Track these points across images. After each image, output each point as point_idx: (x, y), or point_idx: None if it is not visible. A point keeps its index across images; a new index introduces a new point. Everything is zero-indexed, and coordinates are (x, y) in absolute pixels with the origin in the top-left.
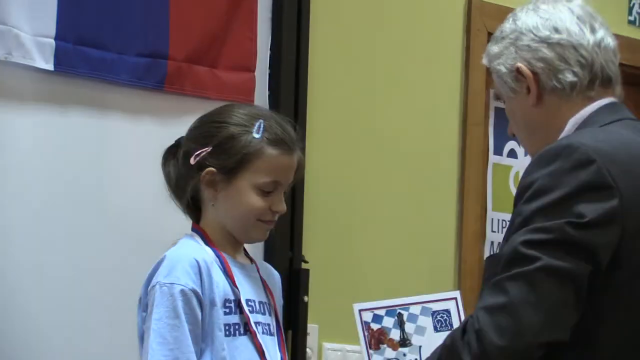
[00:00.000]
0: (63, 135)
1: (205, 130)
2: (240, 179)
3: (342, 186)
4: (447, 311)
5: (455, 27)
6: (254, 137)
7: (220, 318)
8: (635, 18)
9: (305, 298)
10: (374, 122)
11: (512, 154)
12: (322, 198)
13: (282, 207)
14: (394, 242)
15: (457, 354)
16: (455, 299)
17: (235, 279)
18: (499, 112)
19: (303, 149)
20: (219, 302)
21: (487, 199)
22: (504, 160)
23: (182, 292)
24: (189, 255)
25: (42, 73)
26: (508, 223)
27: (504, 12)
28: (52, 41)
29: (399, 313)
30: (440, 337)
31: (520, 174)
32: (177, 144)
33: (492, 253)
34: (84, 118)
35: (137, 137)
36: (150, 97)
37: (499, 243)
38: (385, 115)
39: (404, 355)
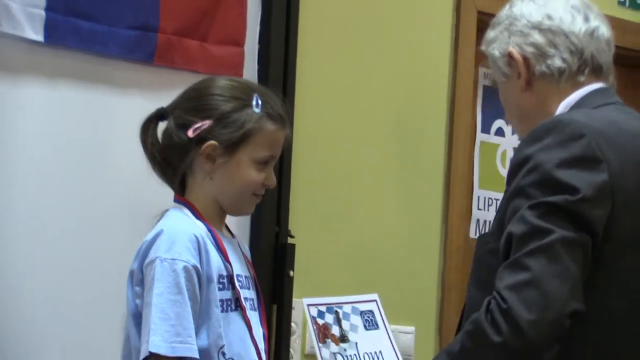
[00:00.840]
0: (52, 107)
1: (202, 103)
2: (241, 153)
3: (329, 161)
4: (372, 312)
5: (445, 5)
6: (254, 111)
7: (217, 294)
8: None
9: (291, 273)
10: (363, 98)
11: (500, 132)
12: (309, 173)
13: (274, 181)
14: (380, 219)
15: (485, 337)
16: (375, 301)
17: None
18: (487, 90)
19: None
20: (215, 278)
21: (474, 177)
22: (492, 138)
23: (185, 268)
24: (187, 230)
25: (32, 44)
26: (501, 200)
27: None
28: (43, 12)
29: (336, 311)
30: (370, 336)
31: (508, 153)
32: (161, 114)
33: (478, 231)
34: (74, 90)
35: (127, 109)
36: (140, 70)
37: (485, 221)
38: (373, 91)
39: (345, 350)
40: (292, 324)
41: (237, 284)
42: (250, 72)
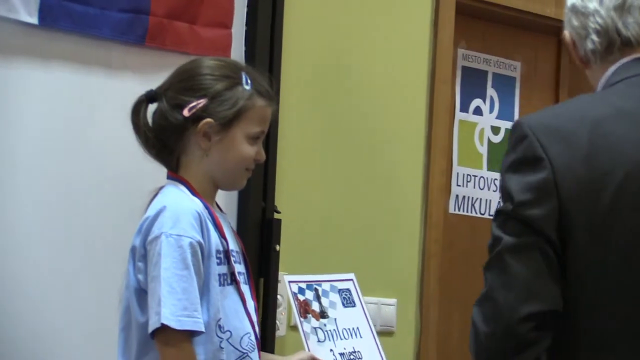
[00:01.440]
0: (46, 88)
1: (196, 83)
2: (235, 129)
3: (314, 139)
4: (348, 290)
5: None
6: (245, 89)
7: (216, 269)
8: None
9: (277, 247)
10: (346, 76)
11: (478, 111)
12: (294, 151)
13: (264, 155)
14: (362, 194)
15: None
16: (352, 280)
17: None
18: (466, 70)
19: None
20: (213, 253)
21: (453, 154)
22: (470, 117)
23: (191, 244)
24: (190, 207)
25: (27, 27)
26: None
27: None
28: None
29: (315, 288)
30: (348, 313)
31: (486, 131)
32: (152, 96)
33: (457, 206)
34: (67, 72)
35: (119, 90)
36: (131, 51)
37: (464, 197)
38: (356, 70)
39: (325, 325)
40: (278, 296)
41: (232, 258)
42: (237, 53)
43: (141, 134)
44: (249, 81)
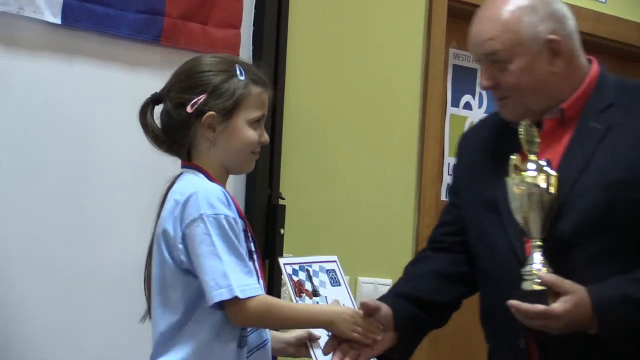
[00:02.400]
0: (68, 83)
1: (194, 81)
2: (236, 117)
3: (316, 131)
4: (334, 270)
5: None
6: (240, 79)
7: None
8: None
9: (282, 231)
10: (346, 74)
11: (468, 106)
12: (298, 140)
13: (267, 137)
14: (361, 181)
15: None
16: (335, 261)
17: None
18: (457, 68)
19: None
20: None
21: (445, 145)
22: (460, 111)
23: (228, 220)
24: (217, 187)
25: (51, 26)
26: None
27: None
28: None
29: (307, 269)
30: (335, 291)
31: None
32: (156, 99)
33: (447, 194)
34: (88, 67)
35: (136, 85)
36: (147, 49)
37: None
38: (355, 67)
39: (317, 302)
40: (282, 276)
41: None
42: (246, 51)
43: (150, 133)
44: (242, 72)
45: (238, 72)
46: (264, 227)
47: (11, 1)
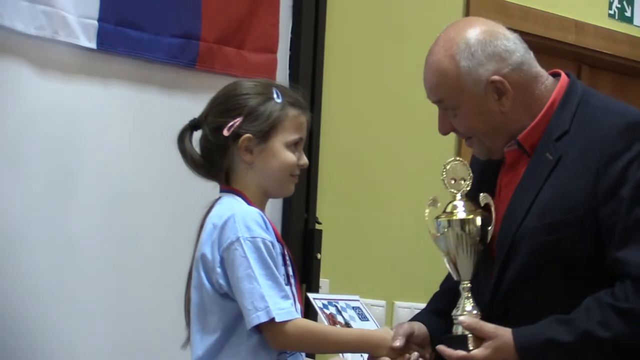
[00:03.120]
0: (105, 106)
1: (231, 105)
2: (273, 140)
3: (353, 155)
4: (359, 308)
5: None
6: (277, 102)
7: (281, 268)
8: (614, 12)
9: (318, 255)
10: (383, 98)
11: None
12: (335, 166)
13: (306, 160)
14: (397, 206)
15: None
16: (358, 300)
17: None
18: None
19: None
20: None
21: None
22: None
23: (265, 244)
24: (254, 211)
25: (86, 51)
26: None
27: (501, 5)
28: (96, 22)
29: (335, 305)
30: (365, 325)
31: None
32: (195, 124)
33: None
34: (124, 90)
35: (171, 108)
36: (182, 73)
37: None
38: (393, 92)
39: None
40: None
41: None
42: (282, 75)
43: (188, 158)
44: (279, 95)
45: (275, 95)
46: (301, 252)
47: (46, 25)
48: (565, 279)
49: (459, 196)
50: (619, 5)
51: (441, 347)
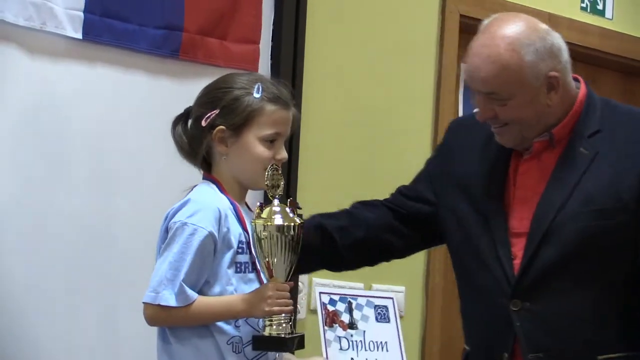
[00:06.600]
0: (89, 94)
1: (212, 96)
2: (247, 133)
3: (333, 143)
4: (386, 307)
5: (432, 10)
6: (255, 97)
7: (230, 259)
8: (586, 5)
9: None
10: (362, 88)
11: None
12: (315, 156)
13: (284, 154)
14: (375, 194)
15: None
16: (392, 299)
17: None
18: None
19: (295, 106)
20: (234, 244)
21: None
22: None
23: (201, 234)
24: (211, 201)
25: (73, 41)
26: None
27: None
28: (82, 14)
29: (349, 301)
30: (380, 327)
31: None
32: (186, 112)
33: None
34: (108, 80)
35: (155, 99)
36: (167, 62)
37: None
38: (370, 83)
39: (352, 335)
40: (300, 283)
41: (253, 250)
42: (264, 66)
43: (177, 144)
44: (260, 89)
45: (255, 90)
46: None
47: (34, 17)
48: (607, 261)
49: (276, 202)
50: None
51: None
